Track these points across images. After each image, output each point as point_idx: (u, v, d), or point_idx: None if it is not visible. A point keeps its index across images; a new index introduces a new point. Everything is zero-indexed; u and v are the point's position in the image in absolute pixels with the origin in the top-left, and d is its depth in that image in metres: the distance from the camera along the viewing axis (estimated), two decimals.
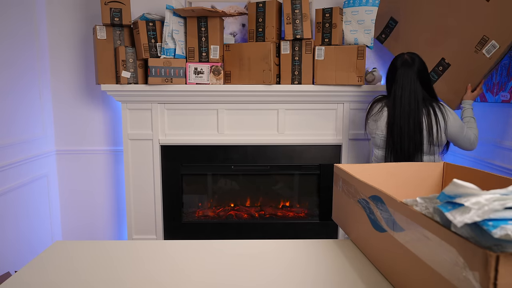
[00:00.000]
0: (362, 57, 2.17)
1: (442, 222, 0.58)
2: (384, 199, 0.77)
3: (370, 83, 2.30)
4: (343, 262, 0.90)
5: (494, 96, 2.07)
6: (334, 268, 0.87)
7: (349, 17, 2.21)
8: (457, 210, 0.52)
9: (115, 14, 2.16)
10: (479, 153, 2.26)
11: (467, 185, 0.53)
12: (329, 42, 2.21)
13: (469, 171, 1.03)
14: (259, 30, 2.24)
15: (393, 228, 0.74)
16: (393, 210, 0.74)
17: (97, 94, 2.55)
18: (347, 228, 1.03)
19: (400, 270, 0.73)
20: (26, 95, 2.27)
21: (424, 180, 1.15)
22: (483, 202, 0.50)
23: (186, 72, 2.25)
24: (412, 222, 0.66)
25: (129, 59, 2.24)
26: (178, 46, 2.23)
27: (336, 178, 1.09)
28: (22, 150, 2.23)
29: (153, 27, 2.21)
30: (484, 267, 0.48)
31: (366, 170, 1.11)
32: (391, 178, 1.13)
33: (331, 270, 0.86)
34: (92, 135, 2.58)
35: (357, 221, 0.94)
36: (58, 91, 2.53)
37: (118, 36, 2.25)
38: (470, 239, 0.51)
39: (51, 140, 2.54)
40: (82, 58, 2.52)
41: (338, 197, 1.07)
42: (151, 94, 2.29)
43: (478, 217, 0.49)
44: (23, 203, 2.25)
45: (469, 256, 0.51)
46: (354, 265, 0.88)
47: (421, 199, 0.65)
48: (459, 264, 0.53)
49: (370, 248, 0.89)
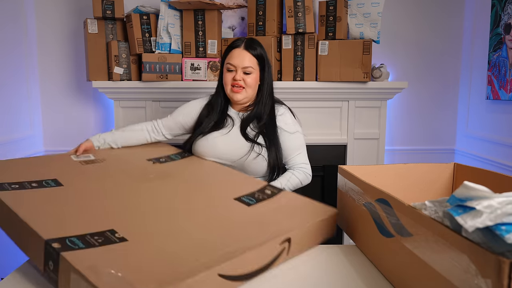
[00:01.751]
0: (368, 52, 2.17)
1: (452, 227, 0.58)
2: (391, 203, 0.77)
3: (377, 79, 2.30)
4: (347, 269, 0.90)
5: (508, 93, 2.07)
6: (339, 275, 0.87)
7: (354, 10, 2.21)
8: (468, 214, 0.52)
9: (107, 7, 2.16)
10: (490, 154, 2.26)
11: (479, 187, 0.53)
12: (333, 37, 2.21)
13: (481, 172, 1.02)
14: (259, 23, 2.24)
15: (400, 233, 0.74)
16: (400, 214, 0.74)
17: (88, 92, 2.55)
18: (352, 233, 1.03)
19: (408, 277, 0.73)
20: (12, 92, 2.27)
21: (433, 182, 1.15)
22: (495, 206, 0.50)
23: (182, 68, 2.25)
24: (421, 227, 0.66)
25: (122, 54, 2.24)
26: (174, 41, 2.23)
27: (340, 180, 1.09)
28: (9, 150, 2.23)
29: (147, 21, 2.21)
30: (497, 274, 0.48)
31: (372, 172, 1.11)
32: (399, 180, 1.13)
33: (335, 278, 0.86)
34: (82, 135, 2.58)
35: (363, 226, 0.94)
36: (47, 88, 2.53)
37: (110, 30, 2.25)
38: (482, 244, 0.51)
39: (39, 140, 2.54)
40: (72, 53, 2.52)
41: (343, 201, 1.07)
42: (145, 91, 2.29)
43: (490, 221, 0.49)
44: None
45: (481, 263, 0.51)
46: (359, 272, 0.88)
47: (430, 202, 0.65)
48: (471, 271, 0.53)
49: (377, 254, 0.89)
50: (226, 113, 1.52)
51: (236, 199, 0.98)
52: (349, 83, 2.25)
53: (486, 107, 2.32)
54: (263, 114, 1.49)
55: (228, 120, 1.50)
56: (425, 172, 1.15)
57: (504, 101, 2.14)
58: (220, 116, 1.51)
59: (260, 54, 1.48)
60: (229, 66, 1.46)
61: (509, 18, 2.06)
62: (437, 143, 2.65)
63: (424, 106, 2.61)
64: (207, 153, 1.45)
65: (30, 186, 0.93)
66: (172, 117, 1.59)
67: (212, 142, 1.45)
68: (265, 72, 1.50)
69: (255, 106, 1.51)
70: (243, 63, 1.44)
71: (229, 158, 1.43)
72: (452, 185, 1.16)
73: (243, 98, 1.47)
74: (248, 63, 1.45)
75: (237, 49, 1.46)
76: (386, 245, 0.81)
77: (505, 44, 2.10)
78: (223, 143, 1.44)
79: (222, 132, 1.47)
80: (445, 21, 2.55)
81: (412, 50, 2.56)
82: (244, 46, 1.46)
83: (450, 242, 0.57)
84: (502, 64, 2.12)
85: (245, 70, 1.44)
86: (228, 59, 1.47)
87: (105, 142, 1.46)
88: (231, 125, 1.49)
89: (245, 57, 1.45)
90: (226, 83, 1.47)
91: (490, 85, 2.23)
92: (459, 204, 0.56)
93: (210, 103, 1.55)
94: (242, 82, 1.44)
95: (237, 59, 1.45)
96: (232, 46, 1.48)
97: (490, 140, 2.27)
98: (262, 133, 1.45)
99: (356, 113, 2.37)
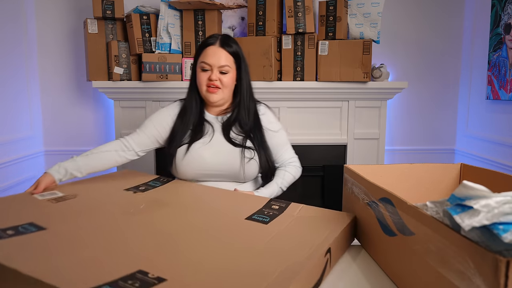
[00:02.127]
0: (368, 52, 2.18)
1: (451, 226, 0.58)
2: (394, 202, 0.77)
3: (377, 79, 2.30)
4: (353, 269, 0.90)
5: (508, 93, 2.08)
6: (343, 274, 0.87)
7: (354, 10, 2.21)
8: (466, 213, 0.52)
9: (107, 7, 2.17)
10: (490, 154, 2.27)
11: (478, 187, 0.54)
12: (333, 36, 2.22)
13: (488, 173, 1.02)
14: (259, 23, 2.25)
15: (403, 232, 0.74)
16: (403, 213, 0.74)
17: (88, 92, 2.55)
18: (357, 232, 1.03)
19: (410, 276, 0.74)
20: (13, 92, 2.27)
21: (439, 182, 1.14)
22: (492, 205, 0.50)
23: (182, 68, 2.25)
24: (422, 226, 0.67)
25: (122, 54, 2.25)
26: (174, 41, 2.23)
27: (345, 180, 1.09)
28: (9, 150, 2.24)
29: (147, 21, 2.22)
30: (494, 273, 0.48)
31: (378, 171, 1.11)
32: (404, 179, 1.12)
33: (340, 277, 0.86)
34: (82, 135, 2.59)
35: (367, 225, 0.94)
36: (47, 88, 2.54)
37: (110, 30, 2.26)
38: (480, 243, 0.52)
39: (39, 140, 2.55)
40: (72, 53, 2.52)
41: (348, 200, 1.07)
42: (145, 91, 2.29)
43: (487, 221, 0.49)
44: None
45: (478, 261, 0.51)
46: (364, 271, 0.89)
47: (431, 203, 0.65)
48: (469, 269, 0.53)
49: (380, 253, 0.89)
50: (203, 118, 1.41)
51: (248, 218, 0.92)
52: (349, 83, 2.25)
53: (486, 107, 2.32)
54: (247, 116, 1.40)
55: (206, 127, 1.39)
56: (431, 172, 1.14)
57: (504, 101, 2.15)
58: (197, 122, 1.39)
59: (236, 51, 1.38)
60: (203, 65, 1.34)
61: (509, 18, 2.07)
62: (437, 143, 2.65)
63: (424, 106, 2.62)
64: (194, 168, 1.33)
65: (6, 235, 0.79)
66: (143, 131, 1.42)
67: (197, 155, 1.33)
68: (241, 70, 1.39)
69: (235, 108, 1.41)
70: (219, 62, 1.33)
71: (220, 168, 1.34)
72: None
73: (220, 99, 1.37)
74: (225, 61, 1.34)
75: (211, 47, 1.35)
76: (389, 244, 0.82)
77: (505, 44, 2.10)
78: (210, 153, 1.34)
79: (204, 141, 1.36)
80: (445, 21, 2.55)
81: (412, 50, 2.57)
82: (219, 44, 1.35)
83: (450, 241, 0.58)
84: (502, 64, 2.12)
85: (222, 69, 1.34)
86: (202, 57, 1.35)
87: (67, 172, 1.24)
88: (211, 132, 1.37)
89: (221, 55, 1.34)
90: (201, 83, 1.35)
91: (490, 85, 2.23)
92: (458, 203, 0.56)
93: (183, 109, 1.42)
94: (218, 82, 1.34)
95: (212, 57, 1.33)
96: (206, 43, 1.36)
97: (490, 140, 2.27)
98: (249, 137, 1.38)
99: (356, 113, 2.38)
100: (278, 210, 0.98)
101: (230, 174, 1.35)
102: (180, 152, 1.35)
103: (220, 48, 1.35)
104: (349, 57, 2.20)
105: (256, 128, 1.40)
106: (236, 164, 1.33)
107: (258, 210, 0.97)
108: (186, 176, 1.36)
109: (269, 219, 0.92)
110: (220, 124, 1.40)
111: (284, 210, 0.98)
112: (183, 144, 1.36)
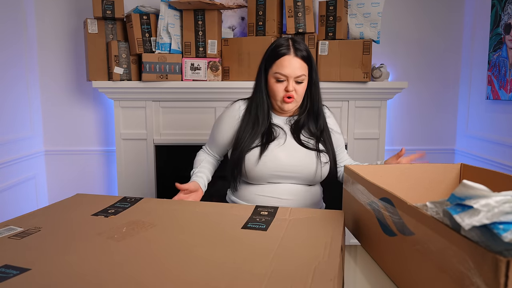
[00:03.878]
0: (368, 52, 2.18)
1: (451, 226, 0.58)
2: (394, 201, 0.77)
3: (377, 79, 2.30)
4: (353, 268, 0.90)
5: (508, 93, 2.07)
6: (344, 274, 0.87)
7: (354, 10, 2.21)
8: (466, 213, 0.52)
9: (107, 7, 2.17)
10: (490, 153, 2.26)
11: (478, 186, 0.54)
12: (333, 37, 2.22)
13: (488, 173, 1.02)
14: (259, 23, 2.25)
15: (403, 232, 0.74)
16: (402, 213, 0.74)
17: (88, 91, 2.55)
18: (357, 232, 1.03)
19: (410, 276, 0.74)
20: (12, 92, 2.27)
21: (440, 182, 1.14)
22: (492, 204, 0.50)
23: (182, 68, 2.25)
24: (422, 226, 0.66)
25: (122, 54, 2.24)
26: (174, 41, 2.23)
27: (346, 180, 1.08)
28: (9, 150, 2.24)
29: (147, 21, 2.22)
30: (494, 273, 0.48)
31: (378, 171, 1.11)
32: (404, 179, 1.12)
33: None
34: (82, 135, 2.59)
35: (367, 224, 0.94)
36: (47, 88, 2.54)
37: (110, 30, 2.26)
38: (480, 243, 0.52)
39: (39, 140, 2.55)
40: (72, 53, 2.52)
41: (348, 200, 1.07)
42: (145, 91, 2.29)
43: (487, 220, 0.49)
44: (9, 206, 2.26)
45: (478, 261, 0.51)
46: (364, 271, 0.89)
47: (431, 203, 0.65)
48: (469, 269, 0.53)
49: (380, 253, 0.89)
50: (270, 121, 1.37)
51: (244, 228, 0.89)
52: (349, 83, 2.25)
53: (486, 107, 2.32)
54: (317, 120, 1.38)
55: (277, 130, 1.35)
56: (431, 172, 1.14)
57: (504, 101, 2.15)
58: (268, 126, 1.36)
59: (308, 55, 1.31)
60: (278, 76, 1.28)
61: (509, 18, 2.07)
62: (437, 143, 2.65)
63: (424, 106, 2.62)
64: (271, 168, 1.30)
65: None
66: (213, 142, 1.45)
67: (273, 155, 1.30)
68: (313, 71, 1.34)
69: (304, 112, 1.38)
70: (295, 73, 1.27)
71: (295, 169, 1.31)
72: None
73: (294, 107, 1.34)
74: (300, 71, 1.28)
75: (286, 57, 1.28)
76: (389, 244, 0.82)
77: (505, 44, 2.10)
78: (286, 155, 1.31)
79: (279, 143, 1.33)
80: (445, 21, 2.55)
81: (412, 50, 2.56)
82: (293, 53, 1.28)
83: (450, 241, 0.58)
84: (502, 64, 2.12)
85: (298, 79, 1.28)
86: (276, 67, 1.29)
87: (206, 177, 1.39)
88: (283, 134, 1.35)
89: (297, 65, 1.28)
90: (277, 94, 1.30)
91: (490, 85, 2.23)
92: (458, 203, 0.56)
93: (251, 113, 1.37)
94: (294, 92, 1.29)
95: (288, 68, 1.27)
96: (280, 53, 1.29)
97: (490, 140, 2.27)
98: (320, 140, 1.37)
99: (356, 113, 2.37)
100: (269, 216, 0.96)
101: (305, 176, 1.33)
102: (253, 154, 1.31)
103: (295, 57, 1.28)
104: (349, 57, 2.20)
105: (325, 131, 1.39)
106: (312, 167, 1.32)
107: (250, 218, 0.94)
108: (260, 178, 1.33)
109: (265, 225, 0.90)
110: (289, 127, 1.38)
111: (275, 215, 0.96)
112: (255, 147, 1.32)
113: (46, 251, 0.79)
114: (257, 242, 0.81)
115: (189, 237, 0.86)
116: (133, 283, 0.66)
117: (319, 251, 0.75)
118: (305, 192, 1.35)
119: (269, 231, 0.87)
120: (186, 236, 0.86)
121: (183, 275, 0.68)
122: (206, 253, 0.77)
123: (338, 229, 0.87)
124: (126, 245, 0.82)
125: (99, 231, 0.89)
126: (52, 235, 0.88)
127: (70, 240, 0.85)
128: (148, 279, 0.67)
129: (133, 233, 0.88)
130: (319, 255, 0.73)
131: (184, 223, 0.95)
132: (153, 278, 0.67)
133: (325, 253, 0.74)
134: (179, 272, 0.69)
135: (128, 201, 1.11)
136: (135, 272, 0.70)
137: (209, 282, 0.64)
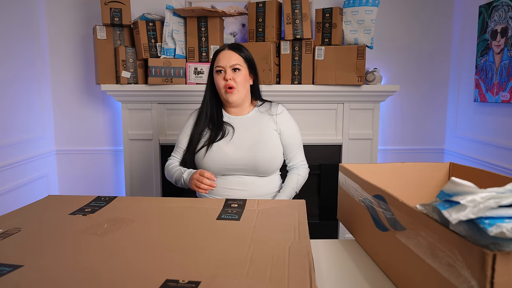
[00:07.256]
0: (362, 57, 2.18)
1: (440, 221, 0.58)
2: (386, 198, 0.78)
3: (370, 83, 2.30)
4: (347, 262, 0.90)
5: (494, 96, 2.07)
6: (338, 268, 0.87)
7: (349, 17, 2.21)
8: (454, 208, 0.52)
9: (115, 14, 2.17)
10: (478, 153, 2.26)
11: (465, 183, 0.54)
12: (329, 42, 2.22)
13: (475, 171, 1.02)
14: (259, 30, 2.25)
15: (395, 227, 0.75)
16: (394, 209, 0.74)
17: (97, 94, 2.55)
18: (351, 228, 1.03)
19: (401, 269, 0.74)
20: (26, 95, 2.27)
21: (429, 180, 1.14)
22: (478, 200, 0.50)
23: (186, 72, 2.25)
24: (413, 221, 0.67)
25: (129, 59, 2.25)
26: (178, 46, 2.23)
27: (341, 178, 1.09)
28: (22, 150, 2.24)
29: (153, 27, 2.22)
30: (481, 266, 0.48)
31: (371, 170, 1.11)
32: (396, 177, 1.12)
33: (334, 268, 0.86)
34: (92, 135, 2.59)
35: (361, 220, 0.94)
36: (58, 91, 2.54)
37: (118, 36, 2.26)
38: (468, 237, 0.52)
39: (51, 140, 2.55)
40: (82, 58, 2.52)
41: (343, 197, 1.07)
42: (151, 94, 2.29)
43: (473, 215, 0.49)
44: (22, 204, 2.26)
45: (466, 255, 0.51)
46: (358, 264, 0.89)
47: (421, 206, 0.65)
48: (458, 263, 0.53)
49: (373, 247, 0.89)
50: (221, 120, 1.44)
51: (218, 219, 0.91)
52: (344, 86, 2.25)
53: (474, 109, 2.32)
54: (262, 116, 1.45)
55: (226, 128, 1.42)
56: (421, 170, 1.15)
57: (491, 103, 2.15)
58: (217, 125, 1.43)
59: (247, 56, 1.43)
60: (217, 68, 1.40)
61: (496, 25, 2.07)
62: (428, 143, 2.65)
63: (415, 108, 2.62)
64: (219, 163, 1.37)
65: None
66: (178, 149, 1.52)
67: (220, 151, 1.37)
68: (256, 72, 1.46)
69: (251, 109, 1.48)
70: (230, 61, 1.38)
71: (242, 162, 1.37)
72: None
73: (237, 98, 1.40)
74: (234, 60, 1.39)
75: (222, 52, 1.41)
76: (382, 238, 0.82)
77: (492, 50, 2.10)
78: (232, 149, 1.38)
79: (227, 139, 1.40)
80: (435, 27, 2.55)
81: (403, 55, 2.56)
82: (227, 47, 1.42)
83: (439, 235, 0.58)
84: (489, 69, 2.12)
85: (233, 66, 1.38)
86: (215, 63, 1.41)
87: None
88: (232, 131, 1.42)
89: (231, 56, 1.39)
90: (219, 86, 1.40)
91: (478, 88, 2.23)
92: (447, 199, 0.56)
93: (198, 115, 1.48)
94: (233, 82, 1.37)
95: (223, 60, 1.39)
96: (217, 51, 1.44)
97: (477, 141, 2.27)
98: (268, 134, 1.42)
99: (351, 115, 2.37)
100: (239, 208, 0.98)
101: (252, 168, 1.38)
102: (200, 153, 1.40)
103: (230, 50, 1.41)
104: (344, 62, 2.20)
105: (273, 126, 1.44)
106: (255, 159, 1.37)
107: (222, 210, 0.97)
108: (212, 171, 1.37)
109: (237, 216, 0.93)
110: (240, 123, 1.44)
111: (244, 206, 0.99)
112: (203, 147, 1.40)
113: (33, 248, 0.77)
114: (233, 230, 0.84)
115: (170, 229, 0.87)
116: (127, 272, 0.66)
117: (290, 234, 0.79)
118: (256, 183, 1.40)
119: (242, 220, 0.90)
120: (167, 229, 0.87)
121: (173, 262, 0.68)
122: (189, 242, 0.79)
123: (303, 214, 0.92)
124: (111, 239, 0.80)
125: (81, 228, 0.87)
126: (35, 234, 0.85)
127: (55, 238, 0.83)
128: (141, 267, 0.67)
129: (115, 228, 0.87)
130: (290, 237, 0.77)
131: (162, 217, 0.95)
132: (145, 266, 0.67)
133: (295, 235, 0.78)
134: (169, 260, 0.70)
135: (102, 200, 1.09)
136: (127, 262, 0.70)
137: (197, 267, 0.65)
